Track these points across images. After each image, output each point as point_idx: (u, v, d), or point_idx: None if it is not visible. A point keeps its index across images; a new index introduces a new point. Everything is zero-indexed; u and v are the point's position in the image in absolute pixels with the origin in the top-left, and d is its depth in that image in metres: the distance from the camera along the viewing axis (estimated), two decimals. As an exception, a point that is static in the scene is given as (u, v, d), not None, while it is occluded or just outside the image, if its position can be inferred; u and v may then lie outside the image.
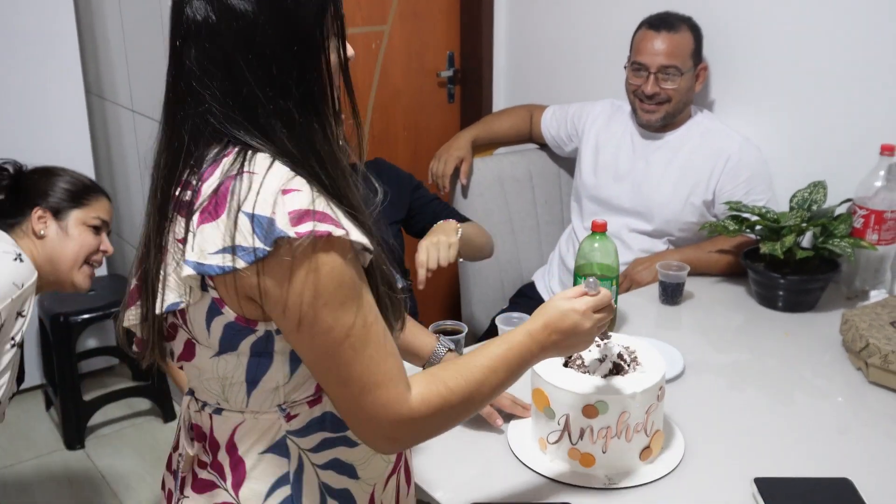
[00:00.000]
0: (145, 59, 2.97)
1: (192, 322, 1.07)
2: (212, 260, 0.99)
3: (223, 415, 1.13)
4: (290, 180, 1.00)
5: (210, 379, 1.11)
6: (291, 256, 0.97)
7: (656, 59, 2.25)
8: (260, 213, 0.97)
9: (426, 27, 3.07)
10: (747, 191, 2.22)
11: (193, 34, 1.02)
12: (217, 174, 1.02)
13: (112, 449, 2.93)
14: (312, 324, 1.00)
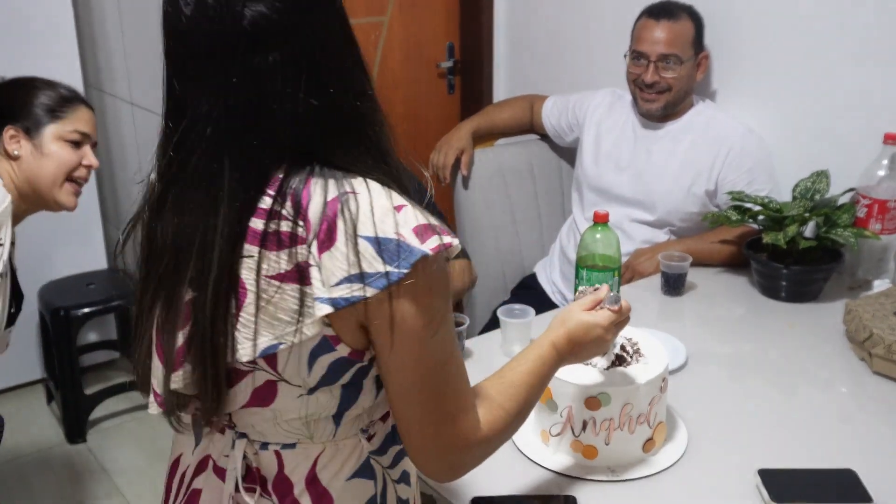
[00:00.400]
0: (144, 51, 2.95)
1: (285, 363, 0.98)
2: (337, 292, 0.91)
3: (298, 448, 1.06)
4: (392, 195, 0.95)
5: (292, 420, 1.04)
6: (428, 275, 0.93)
7: (656, 47, 2.24)
8: (383, 235, 0.91)
9: (426, 18, 3.05)
10: (750, 181, 2.21)
11: (269, 39, 0.93)
12: (317, 198, 0.93)
13: (113, 442, 2.93)
14: (432, 343, 0.97)
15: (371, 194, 0.93)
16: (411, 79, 3.07)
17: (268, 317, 0.95)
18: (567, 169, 2.71)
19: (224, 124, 0.93)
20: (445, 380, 1.00)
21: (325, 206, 0.92)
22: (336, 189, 0.93)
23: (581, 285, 1.84)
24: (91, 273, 3.14)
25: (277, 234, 0.93)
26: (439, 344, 0.97)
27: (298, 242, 0.93)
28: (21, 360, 3.15)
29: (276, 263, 0.93)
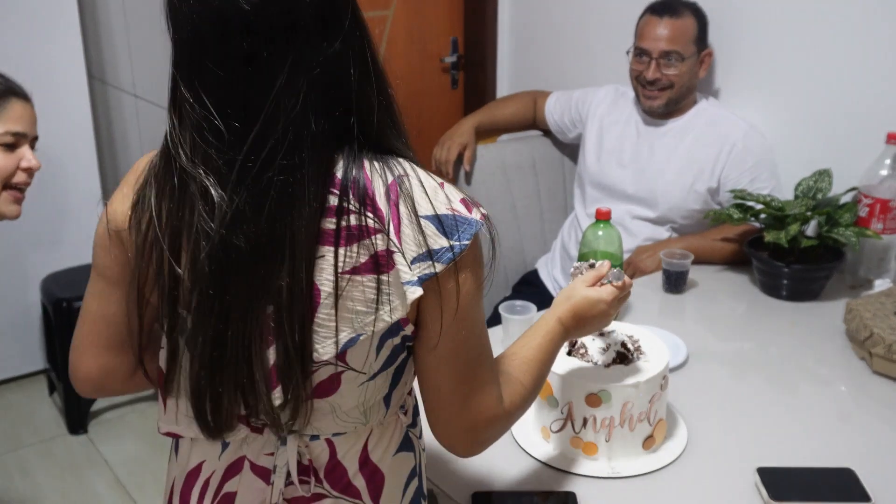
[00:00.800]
0: (147, 43, 2.95)
1: (357, 353, 0.99)
2: (408, 276, 0.94)
3: (348, 434, 1.07)
4: (429, 173, 1.00)
5: (350, 409, 1.04)
6: (478, 246, 0.99)
7: (658, 44, 2.24)
8: (441, 212, 0.96)
9: (429, 12, 3.05)
10: (752, 178, 2.21)
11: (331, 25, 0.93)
12: (378, 187, 0.94)
13: (115, 434, 2.93)
14: (469, 318, 1.00)
15: (419, 174, 0.98)
16: (415, 73, 3.07)
17: (346, 312, 0.95)
18: (569, 165, 2.72)
19: (302, 117, 0.91)
20: (480, 349, 1.04)
21: (387, 192, 0.95)
22: (391, 173, 0.96)
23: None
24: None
25: (349, 228, 0.93)
26: (481, 311, 1.03)
27: (371, 233, 0.93)
28: (23, 351, 3.17)
29: (350, 258, 0.94)
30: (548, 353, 1.18)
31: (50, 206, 3.08)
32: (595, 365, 1.40)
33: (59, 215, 3.12)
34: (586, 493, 1.33)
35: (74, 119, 3.09)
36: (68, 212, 3.13)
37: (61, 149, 3.06)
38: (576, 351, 1.44)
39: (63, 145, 3.06)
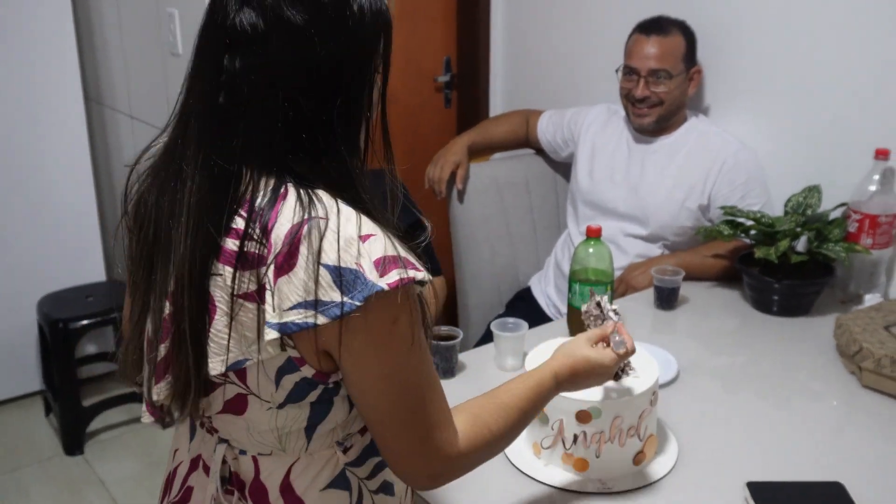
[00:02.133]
0: (144, 65, 2.98)
1: (255, 379, 1.01)
2: (289, 316, 0.93)
3: (273, 455, 1.09)
4: (361, 224, 0.95)
5: (264, 432, 1.07)
6: (386, 309, 0.94)
7: (646, 62, 2.27)
8: (344, 265, 0.92)
9: (423, 32, 3.08)
10: (743, 195, 2.23)
11: (241, 44, 0.95)
12: (283, 220, 0.94)
13: (111, 454, 2.94)
14: (399, 372, 0.99)
15: (340, 220, 0.94)
16: (409, 93, 3.10)
17: (237, 333, 0.97)
18: (562, 183, 2.73)
19: (205, 123, 0.98)
20: (418, 402, 1.02)
21: (291, 230, 0.93)
22: (306, 212, 0.94)
23: (574, 299, 1.86)
24: (89, 285, 3.16)
25: (247, 254, 0.95)
26: (408, 370, 0.99)
27: (262, 263, 0.95)
28: (20, 372, 3.17)
29: (244, 283, 0.95)
30: (532, 404, 1.18)
31: (46, 227, 3.10)
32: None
33: (55, 236, 3.13)
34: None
35: (71, 140, 3.11)
36: (65, 233, 3.15)
37: (58, 170, 3.09)
38: None
39: (60, 166, 3.09)
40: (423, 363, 1.02)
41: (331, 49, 0.96)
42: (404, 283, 0.94)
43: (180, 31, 2.62)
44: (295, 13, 0.95)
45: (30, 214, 3.06)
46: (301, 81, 0.96)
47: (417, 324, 0.99)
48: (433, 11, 3.08)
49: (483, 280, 2.63)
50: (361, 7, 0.99)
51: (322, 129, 0.98)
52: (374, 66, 1.02)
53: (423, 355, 1.02)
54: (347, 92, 0.99)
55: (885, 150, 2.03)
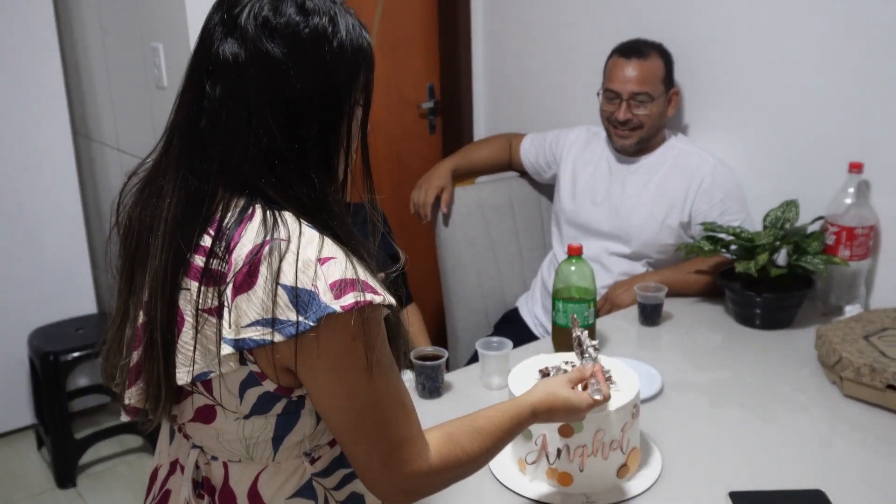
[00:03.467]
0: (130, 98, 3.01)
1: (220, 390, 1.05)
2: (247, 333, 0.97)
3: (242, 462, 1.12)
4: (322, 247, 0.98)
5: (232, 440, 1.10)
6: (339, 331, 0.97)
7: (627, 86, 2.30)
8: (301, 286, 0.95)
9: (406, 60, 3.13)
10: (722, 211, 2.27)
11: (221, 72, 1.00)
12: (246, 241, 0.99)
13: (104, 486, 2.93)
14: (358, 390, 1.01)
15: (301, 242, 0.97)
16: (393, 120, 3.14)
17: (201, 346, 1.02)
18: (546, 205, 2.77)
19: (185, 144, 1.04)
20: (382, 420, 1.04)
21: (252, 249, 0.97)
22: (269, 234, 0.97)
23: (558, 317, 1.88)
24: (80, 318, 3.17)
25: (212, 271, 1.00)
26: (368, 389, 1.02)
27: (224, 281, 0.99)
28: (12, 407, 3.17)
29: (208, 298, 1.00)
30: (507, 433, 1.20)
31: (37, 260, 3.11)
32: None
33: (46, 270, 3.14)
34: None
35: (60, 174, 3.13)
36: (55, 266, 3.16)
37: (47, 204, 3.11)
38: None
39: (49, 200, 3.11)
40: (387, 383, 1.04)
41: (308, 82, 1.00)
42: (360, 305, 0.96)
43: (165, 64, 2.65)
44: (273, 46, 0.99)
45: (20, 248, 3.08)
46: (277, 111, 1.00)
47: (378, 346, 1.01)
48: (415, 40, 3.13)
49: (470, 302, 2.65)
50: (342, 43, 1.02)
51: (295, 156, 1.01)
52: (354, 99, 1.05)
53: (386, 375, 1.04)
54: (323, 123, 1.03)
55: (859, 163, 2.06)
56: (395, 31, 3.06)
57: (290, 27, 1.00)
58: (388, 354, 1.05)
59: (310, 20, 1.00)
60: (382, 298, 0.99)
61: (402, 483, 1.08)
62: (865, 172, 2.08)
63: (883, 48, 2.03)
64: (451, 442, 1.12)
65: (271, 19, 0.99)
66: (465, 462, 1.13)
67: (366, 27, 1.08)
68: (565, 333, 1.87)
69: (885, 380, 1.66)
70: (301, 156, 1.01)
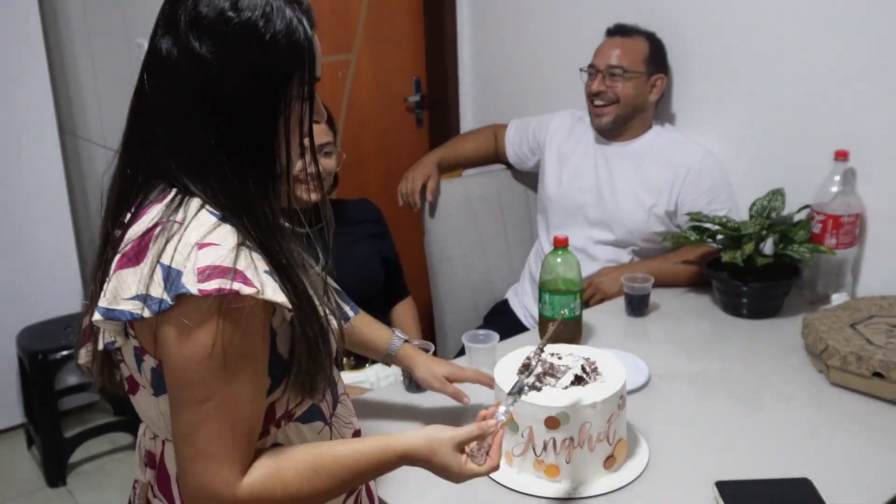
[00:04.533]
0: (116, 96, 3.00)
1: (127, 362, 1.10)
2: (124, 305, 0.99)
3: (171, 443, 1.12)
4: (209, 233, 0.99)
5: (154, 417, 1.12)
6: (193, 314, 0.97)
7: (605, 59, 2.34)
8: (175, 266, 0.97)
9: (392, 54, 3.12)
10: (709, 201, 2.27)
11: (157, 67, 1.04)
12: (146, 219, 1.03)
13: (95, 485, 2.92)
14: (186, 375, 1.00)
15: (190, 225, 1.00)
16: (380, 114, 3.13)
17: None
18: (533, 196, 2.76)
19: (125, 129, 1.10)
20: (197, 422, 1.00)
21: (147, 229, 1.01)
22: (165, 215, 1.01)
23: (545, 309, 1.88)
24: (68, 316, 3.15)
25: (115, 244, 1.06)
26: (199, 381, 0.99)
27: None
28: (0, 406, 3.16)
29: (108, 270, 1.05)
30: (357, 477, 1.12)
31: (25, 259, 3.10)
32: (553, 388, 1.43)
33: (34, 268, 3.13)
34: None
35: (47, 173, 3.11)
36: (43, 264, 3.15)
37: (34, 202, 3.09)
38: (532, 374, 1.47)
39: (36, 199, 3.09)
40: (227, 384, 1.00)
41: (237, 79, 1.01)
42: (222, 293, 0.95)
43: (150, 60, 2.64)
44: (201, 44, 1.00)
45: (7, 246, 3.06)
46: (206, 108, 1.02)
47: (234, 341, 0.98)
48: (402, 34, 3.12)
49: (459, 295, 2.65)
50: (275, 38, 1.01)
51: (224, 152, 1.02)
52: (290, 95, 1.04)
53: (232, 374, 1.00)
54: (254, 119, 1.02)
55: (845, 151, 2.07)
56: (382, 26, 3.06)
57: (219, 24, 1.00)
58: (248, 355, 1.01)
59: (241, 15, 1.00)
60: (256, 291, 0.97)
61: (198, 496, 1.02)
62: (851, 160, 2.08)
63: (868, 37, 2.03)
64: (272, 479, 1.05)
65: (203, 15, 1.00)
66: (283, 501, 1.06)
67: (311, 20, 1.05)
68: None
69: (871, 367, 1.66)
70: (231, 151, 1.02)
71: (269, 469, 1.06)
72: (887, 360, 1.64)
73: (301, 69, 1.05)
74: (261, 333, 1.02)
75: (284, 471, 1.06)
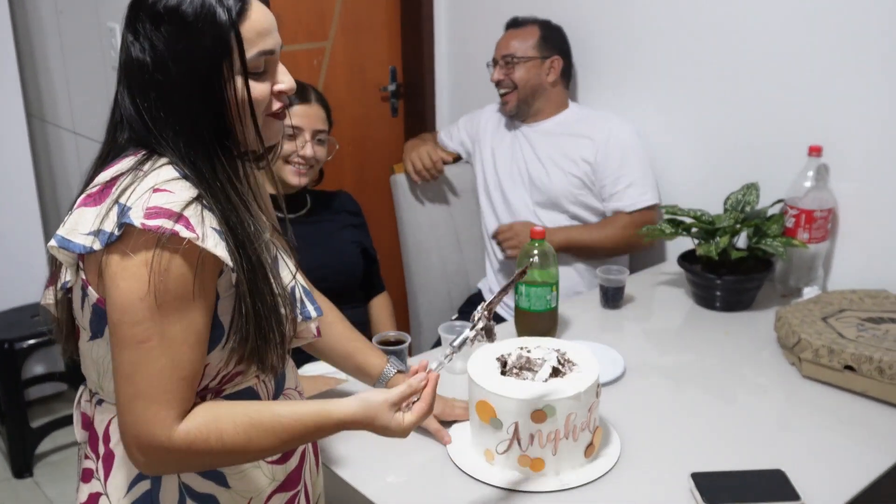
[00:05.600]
0: (86, 81, 2.95)
1: (74, 302, 1.14)
2: (79, 239, 1.05)
3: (103, 406, 1.17)
4: (167, 182, 1.05)
5: (88, 364, 1.17)
6: (132, 244, 1.01)
7: (500, 50, 2.50)
8: (129, 204, 1.03)
9: (368, 43, 3.09)
10: (621, 164, 2.38)
11: (120, 69, 1.13)
12: (116, 168, 1.09)
13: (61, 475, 2.89)
14: (123, 311, 1.02)
15: (151, 174, 1.06)
16: (355, 103, 3.10)
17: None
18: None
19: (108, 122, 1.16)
20: (139, 357, 1.03)
21: (114, 177, 1.07)
22: (133, 165, 1.08)
23: (521, 300, 1.88)
24: (35, 304, 3.10)
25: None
26: (137, 317, 1.02)
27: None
28: (-35, 395, 3.11)
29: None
30: (294, 438, 1.13)
31: (-11, 246, 3.05)
32: (533, 382, 1.43)
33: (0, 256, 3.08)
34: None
35: (14, 158, 3.07)
36: (9, 252, 3.10)
37: (1, 188, 3.04)
38: (508, 371, 1.47)
39: (2, 185, 3.04)
40: (163, 327, 1.03)
41: (170, 61, 1.07)
42: (162, 231, 1.00)
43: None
44: (144, 28, 1.08)
45: (-27, 234, 3.02)
46: (153, 85, 1.08)
47: (168, 279, 1.02)
48: (377, 22, 3.10)
49: (434, 286, 2.65)
50: (197, 17, 1.06)
51: (178, 125, 1.09)
52: (226, 71, 1.09)
53: (167, 318, 1.03)
54: (194, 98, 1.08)
55: (818, 146, 2.08)
56: (358, 14, 3.03)
57: (154, 7, 1.07)
58: (185, 298, 1.03)
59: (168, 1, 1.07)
60: (195, 237, 1.02)
61: (137, 440, 1.05)
62: (825, 156, 2.10)
63: (843, 33, 2.05)
64: (209, 427, 1.07)
65: (143, 2, 1.09)
66: (219, 452, 1.08)
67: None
68: (528, 317, 1.87)
69: (842, 361, 1.68)
70: (185, 127, 1.08)
71: (207, 417, 1.08)
72: (858, 353, 1.66)
73: (229, 50, 1.08)
74: (199, 282, 1.04)
75: (222, 420, 1.08)
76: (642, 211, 2.38)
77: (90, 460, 1.20)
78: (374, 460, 1.47)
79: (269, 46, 1.12)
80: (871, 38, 2.00)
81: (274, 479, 1.25)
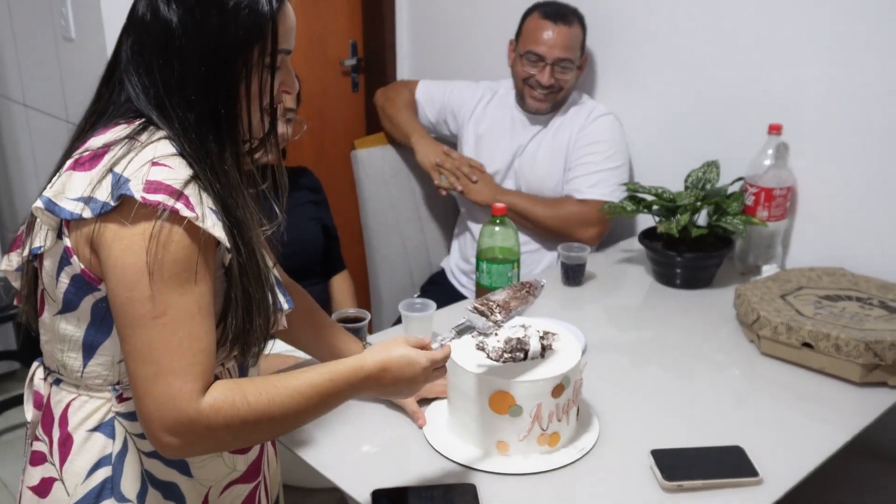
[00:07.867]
0: (37, 51, 2.87)
1: (46, 270, 1.10)
2: (66, 204, 1.03)
3: (61, 387, 1.15)
4: (166, 157, 1.03)
5: (51, 340, 1.14)
6: (131, 217, 0.99)
7: (554, 51, 2.29)
8: (124, 172, 1.01)
9: (328, 16, 3.04)
10: (587, 151, 2.34)
11: (132, 27, 1.11)
12: (109, 134, 1.07)
13: (15, 455, 2.84)
14: (132, 288, 0.99)
15: (148, 146, 1.04)
16: (315, 77, 3.06)
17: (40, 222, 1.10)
18: (472, 164, 2.74)
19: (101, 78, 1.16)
20: (156, 334, 1.00)
21: (107, 142, 1.06)
22: (129, 133, 1.06)
23: (482, 277, 1.87)
24: (-15, 281, 3.04)
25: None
26: (145, 294, 1.00)
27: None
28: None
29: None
30: (320, 393, 1.10)
31: (-63, 222, 2.96)
32: (533, 359, 1.41)
33: (-53, 232, 3.00)
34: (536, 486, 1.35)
35: (-40, 131, 2.98)
36: (-43, 228, 3.02)
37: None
38: (506, 359, 1.41)
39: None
40: (170, 299, 1.00)
41: (196, 43, 1.06)
42: (163, 207, 0.99)
43: (73, 15, 2.52)
44: (169, 10, 1.07)
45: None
46: (169, 66, 1.07)
47: (168, 260, 1.00)
48: (338, -5, 3.05)
49: (395, 264, 2.62)
50: (238, 6, 1.06)
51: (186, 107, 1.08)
52: (252, 61, 1.08)
53: (173, 292, 1.00)
54: (210, 82, 1.07)
55: (778, 125, 2.09)
56: (317, -14, 2.98)
57: None
58: (191, 269, 1.01)
59: None
60: (195, 217, 1.00)
61: (163, 418, 0.99)
62: (784, 134, 2.11)
63: (803, 12, 2.05)
64: (233, 390, 1.04)
65: None
66: (248, 415, 1.03)
67: None
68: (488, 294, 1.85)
69: (800, 338, 1.69)
70: (192, 109, 1.07)
71: (229, 384, 1.05)
72: (816, 330, 1.67)
73: (262, 39, 1.08)
74: (200, 257, 1.02)
75: (246, 389, 1.05)
76: (589, 203, 2.31)
77: (41, 442, 1.17)
78: (341, 443, 1.46)
79: (292, 45, 1.15)
80: (829, 17, 2.01)
81: (235, 468, 1.23)
